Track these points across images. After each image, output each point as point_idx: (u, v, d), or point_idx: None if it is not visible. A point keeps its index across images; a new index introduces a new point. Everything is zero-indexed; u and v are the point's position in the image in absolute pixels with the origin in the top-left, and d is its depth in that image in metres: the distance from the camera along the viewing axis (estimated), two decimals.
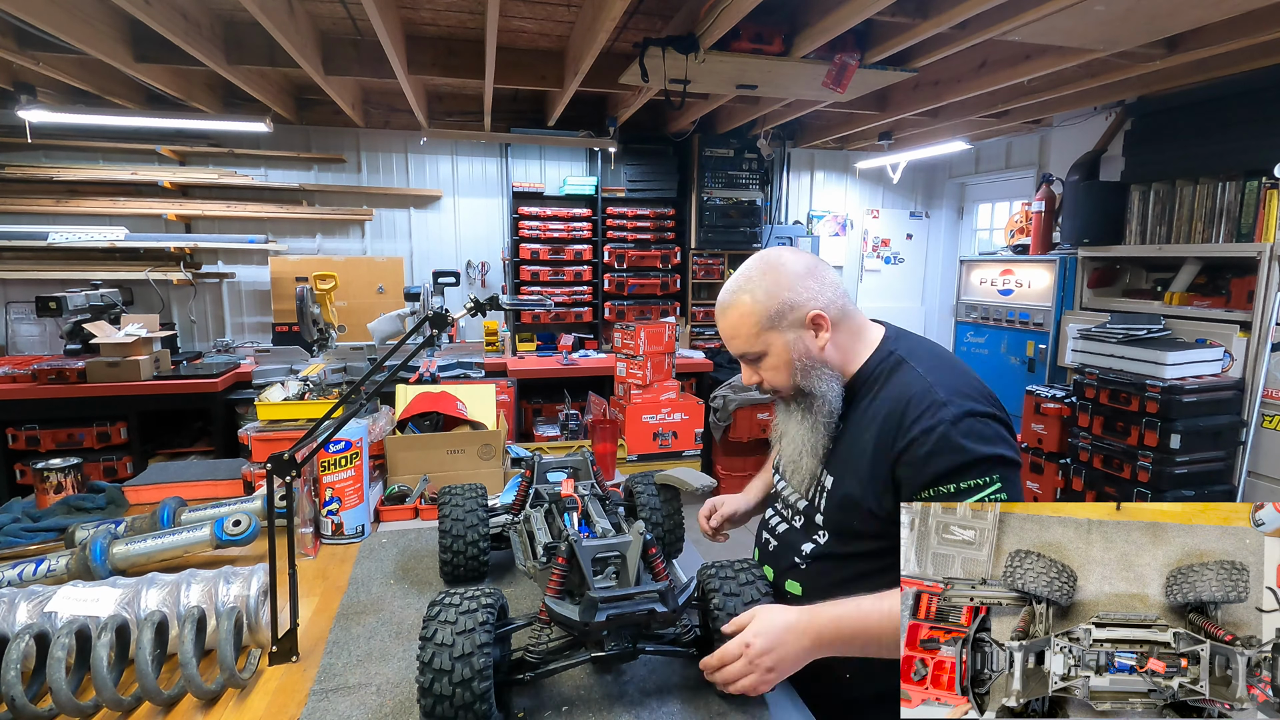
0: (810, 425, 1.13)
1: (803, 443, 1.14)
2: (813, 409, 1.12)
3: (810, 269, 1.11)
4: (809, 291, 1.09)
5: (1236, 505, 0.65)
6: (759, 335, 1.10)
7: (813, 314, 1.09)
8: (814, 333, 1.10)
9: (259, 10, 2.29)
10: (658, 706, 1.02)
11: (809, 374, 1.11)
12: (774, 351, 1.11)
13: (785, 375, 1.12)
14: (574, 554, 1.03)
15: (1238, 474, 3.17)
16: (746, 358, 1.15)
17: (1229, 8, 2.30)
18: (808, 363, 1.10)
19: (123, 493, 1.76)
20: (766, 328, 1.09)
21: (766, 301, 1.09)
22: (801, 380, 1.11)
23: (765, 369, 1.13)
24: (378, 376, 2.08)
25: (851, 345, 1.14)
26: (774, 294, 1.09)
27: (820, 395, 1.11)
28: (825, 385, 1.11)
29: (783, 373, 1.12)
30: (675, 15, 2.75)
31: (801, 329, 1.10)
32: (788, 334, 1.10)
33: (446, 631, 0.90)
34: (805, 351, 1.10)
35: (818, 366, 1.11)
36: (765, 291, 1.09)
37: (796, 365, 1.10)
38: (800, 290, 1.09)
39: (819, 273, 1.12)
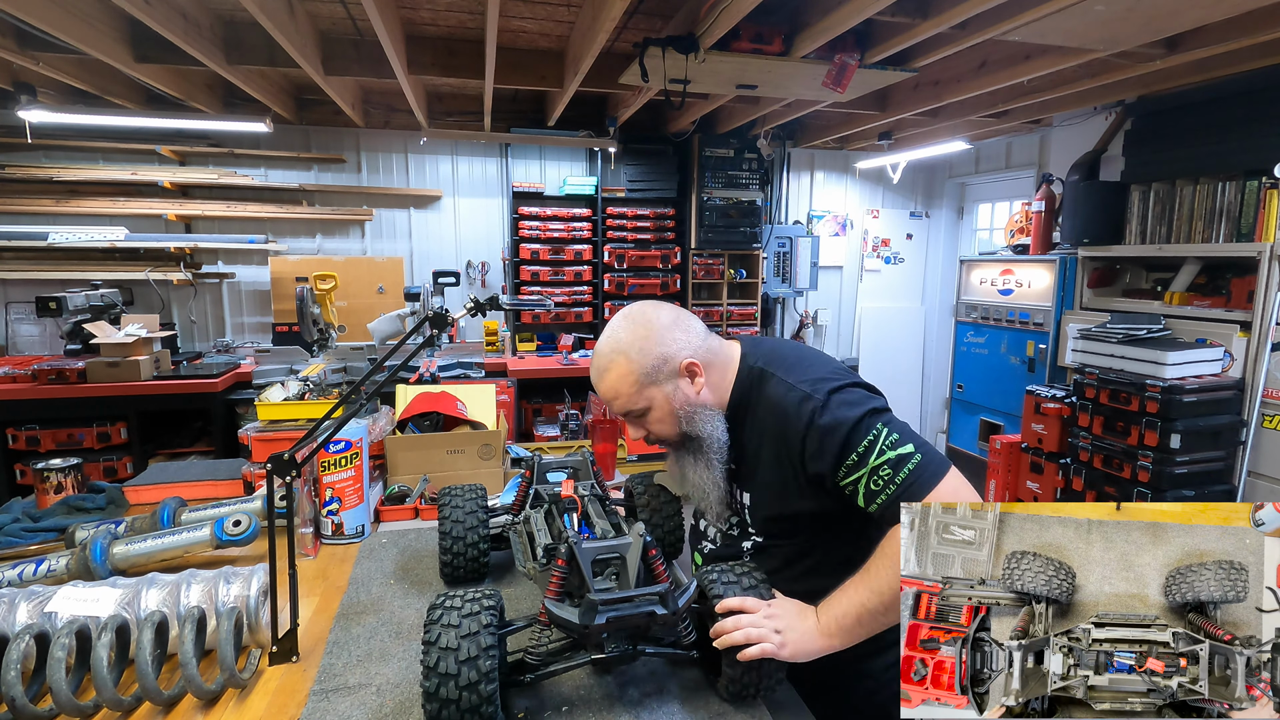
0: (705, 464, 1.18)
1: (706, 481, 1.20)
2: (703, 449, 1.17)
3: (675, 320, 1.17)
4: (678, 342, 1.15)
5: (1236, 505, 0.65)
6: (640, 392, 1.15)
7: (686, 363, 1.15)
8: (689, 380, 1.16)
9: (259, 10, 2.29)
10: (657, 707, 1.02)
11: (693, 419, 1.16)
12: (656, 405, 1.16)
13: (671, 425, 1.17)
14: (574, 556, 1.02)
15: (1238, 474, 3.17)
16: (631, 415, 1.19)
17: (1229, 8, 2.30)
18: (689, 410, 1.16)
19: (123, 493, 1.76)
20: (645, 384, 1.14)
21: (641, 359, 1.13)
22: (687, 426, 1.16)
23: (651, 423, 1.18)
24: (378, 376, 2.08)
25: (721, 380, 1.20)
26: (647, 350, 1.13)
27: (707, 436, 1.16)
28: (710, 426, 1.17)
29: (668, 423, 1.17)
30: (675, 15, 2.75)
31: (678, 379, 1.15)
32: (666, 386, 1.15)
33: (450, 635, 0.89)
34: (685, 400, 1.15)
35: (699, 410, 1.16)
36: (638, 350, 1.14)
37: (680, 414, 1.15)
38: (670, 342, 1.14)
39: (684, 322, 1.18)
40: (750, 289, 5.33)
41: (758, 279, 5.26)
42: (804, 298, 5.77)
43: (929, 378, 6.10)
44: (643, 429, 1.21)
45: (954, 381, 4.85)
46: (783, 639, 1.00)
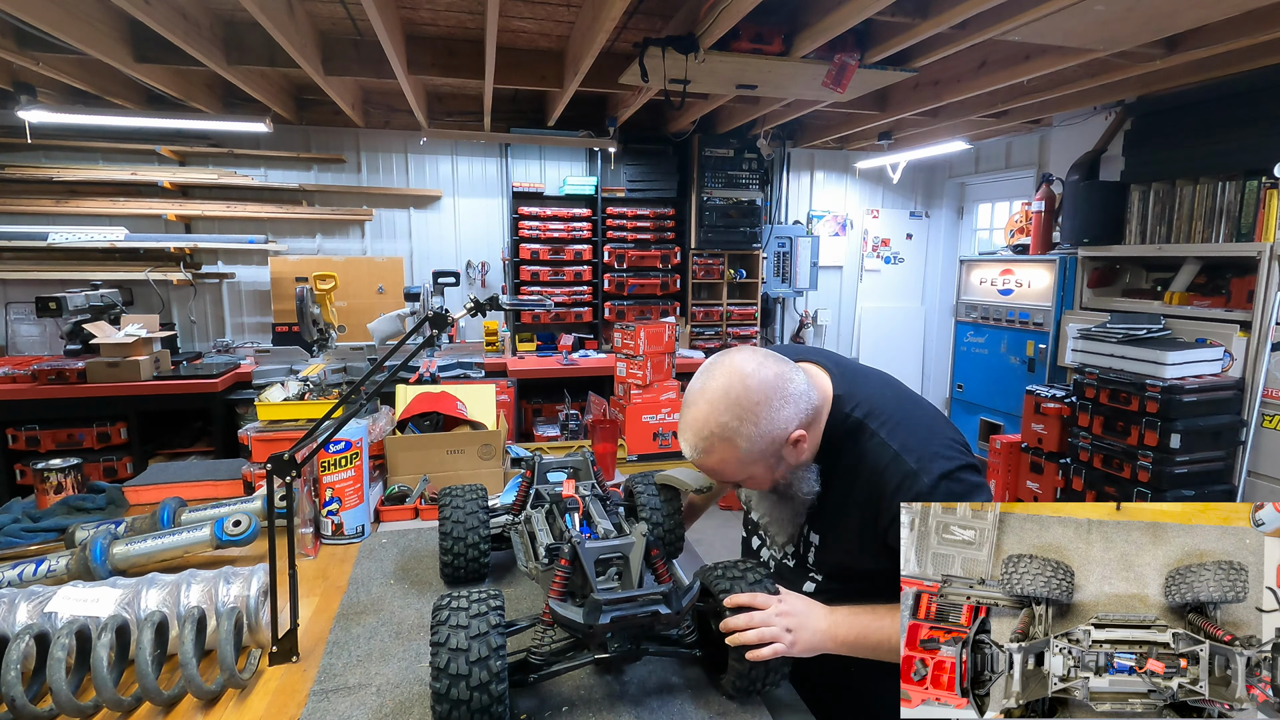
0: (789, 507, 1.13)
1: (782, 518, 1.15)
2: (792, 497, 1.12)
3: (778, 386, 1.03)
4: (784, 417, 1.03)
5: (1236, 505, 0.65)
6: (740, 470, 1.07)
7: (794, 436, 1.05)
8: (794, 448, 1.07)
9: (259, 10, 2.29)
10: (659, 706, 1.02)
11: (790, 481, 1.10)
12: (757, 476, 1.09)
13: (767, 483, 1.11)
14: (577, 556, 1.02)
15: (1238, 474, 3.16)
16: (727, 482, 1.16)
17: (1229, 8, 2.30)
18: (788, 472, 1.09)
19: (123, 493, 1.76)
20: (745, 461, 1.05)
21: (749, 445, 1.03)
22: (783, 485, 1.11)
23: (748, 483, 1.13)
24: (378, 376, 2.08)
25: (818, 432, 1.11)
26: (755, 436, 1.03)
27: (803, 492, 1.10)
28: (806, 485, 1.10)
29: (765, 482, 1.11)
30: (675, 15, 2.75)
31: (781, 448, 1.06)
32: (769, 460, 1.07)
33: (460, 636, 0.89)
34: (788, 467, 1.08)
35: (798, 471, 1.10)
36: (746, 436, 1.02)
37: (780, 481, 1.10)
38: (777, 420, 1.03)
39: (784, 386, 1.04)
40: (750, 289, 5.33)
41: (758, 279, 5.26)
42: (804, 298, 5.77)
43: (929, 378, 6.10)
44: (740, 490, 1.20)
45: (954, 381, 4.85)
46: (794, 637, 1.00)
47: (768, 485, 1.11)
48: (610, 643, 1.01)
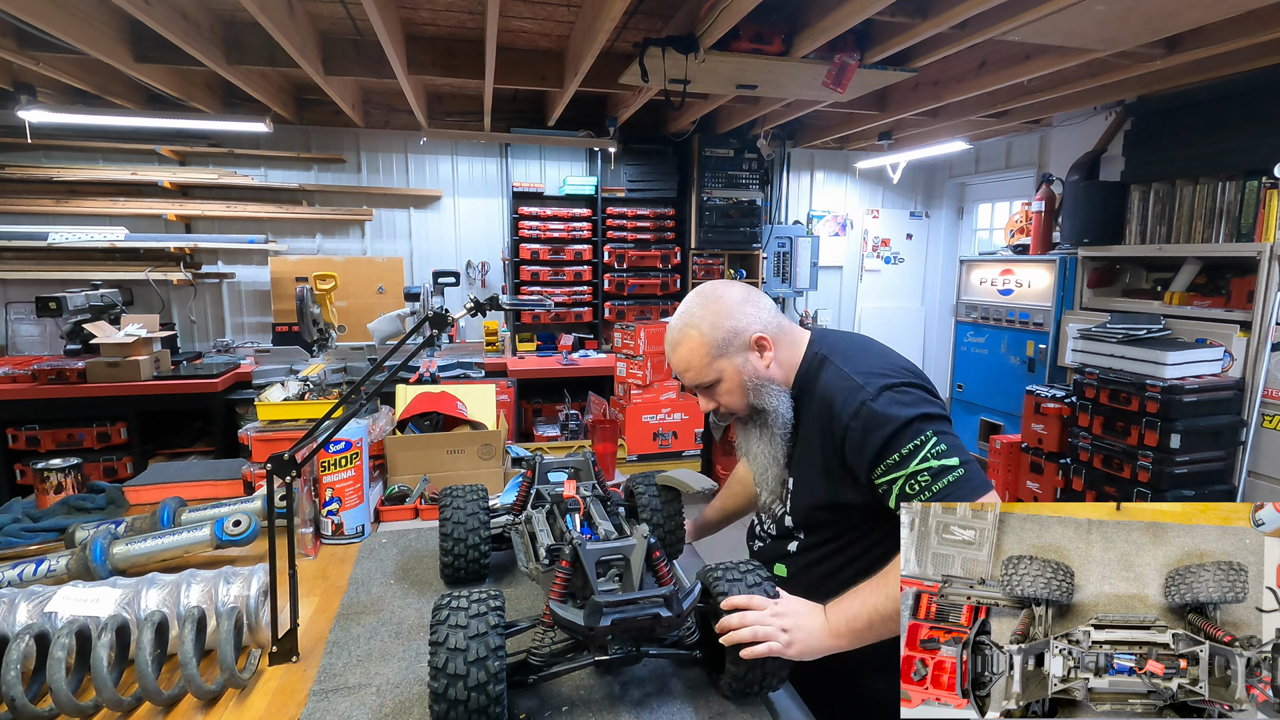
0: (769, 439, 1.22)
1: (767, 456, 1.23)
2: (768, 424, 1.21)
3: (746, 296, 1.21)
4: (748, 317, 1.19)
5: (1236, 505, 0.65)
6: (711, 364, 1.19)
7: (755, 337, 1.18)
8: (758, 354, 1.19)
9: (259, 10, 2.29)
10: (658, 706, 1.02)
11: (760, 392, 1.20)
12: (726, 377, 1.19)
13: (739, 397, 1.21)
14: (578, 557, 1.02)
15: (1238, 474, 3.16)
16: (701, 387, 1.23)
17: (1229, 8, 2.30)
18: (757, 382, 1.19)
19: (123, 493, 1.76)
20: (716, 355, 1.18)
21: (712, 332, 1.18)
22: (754, 399, 1.20)
23: (720, 394, 1.22)
24: (378, 376, 2.08)
25: (789, 358, 1.23)
26: (718, 324, 1.18)
27: (772, 410, 1.20)
28: (775, 400, 1.20)
29: (737, 395, 1.20)
30: (675, 15, 2.75)
31: (747, 352, 1.19)
32: (736, 359, 1.18)
33: (459, 635, 0.89)
34: (754, 372, 1.19)
35: (766, 384, 1.20)
36: (710, 323, 1.18)
37: (748, 386, 1.19)
38: (741, 316, 1.19)
39: (754, 298, 1.22)
40: None
41: (758, 279, 5.25)
42: (804, 298, 5.77)
43: (929, 378, 6.09)
44: (713, 401, 1.24)
45: (954, 381, 4.85)
46: (790, 638, 1.00)
47: (740, 398, 1.20)
48: (610, 645, 1.00)
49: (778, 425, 1.21)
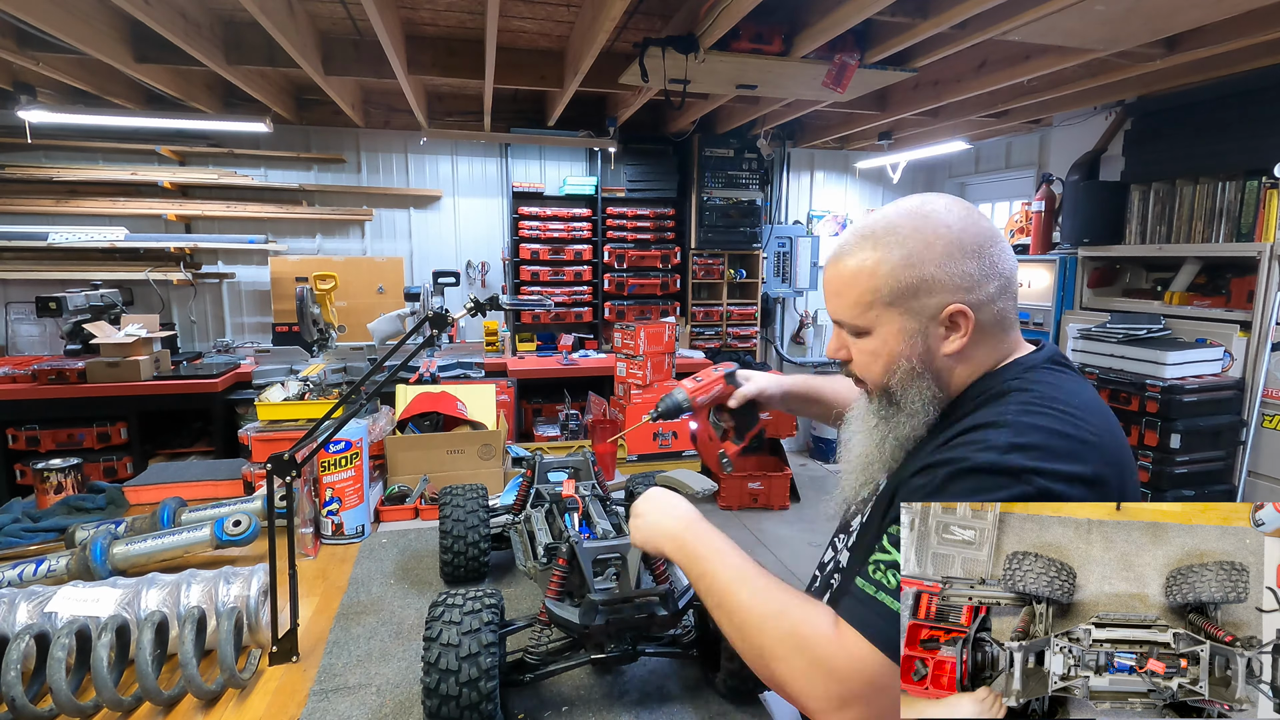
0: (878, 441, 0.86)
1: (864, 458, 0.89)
2: (890, 421, 0.85)
3: (984, 243, 0.81)
4: (963, 275, 0.80)
5: (1236, 505, 0.65)
6: (869, 308, 0.83)
7: (953, 308, 0.80)
8: (944, 331, 0.81)
9: (259, 10, 2.29)
10: (657, 706, 1.02)
11: (909, 381, 0.83)
12: (882, 336, 0.83)
13: (879, 368, 0.84)
14: (574, 555, 1.03)
15: (1238, 474, 3.17)
16: (843, 325, 0.88)
17: (1229, 8, 2.30)
18: (916, 366, 0.82)
19: (123, 493, 1.76)
20: (885, 303, 0.82)
21: (898, 269, 0.80)
22: (895, 383, 0.84)
23: (861, 349, 0.86)
24: (378, 376, 2.08)
25: (985, 359, 0.84)
26: (913, 263, 0.80)
27: (908, 414, 0.83)
28: (920, 403, 0.83)
29: (878, 363, 0.84)
30: (675, 15, 2.75)
31: (930, 320, 0.81)
32: (909, 321, 0.81)
33: (452, 632, 0.90)
34: (923, 351, 0.82)
35: (925, 376, 0.83)
36: (904, 255, 0.80)
37: (900, 364, 0.83)
38: (951, 269, 0.79)
39: (989, 251, 0.81)
40: (750, 289, 5.33)
41: (758, 279, 5.26)
42: (804, 298, 5.77)
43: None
44: (844, 350, 0.89)
45: None
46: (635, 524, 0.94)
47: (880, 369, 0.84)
48: (607, 643, 1.01)
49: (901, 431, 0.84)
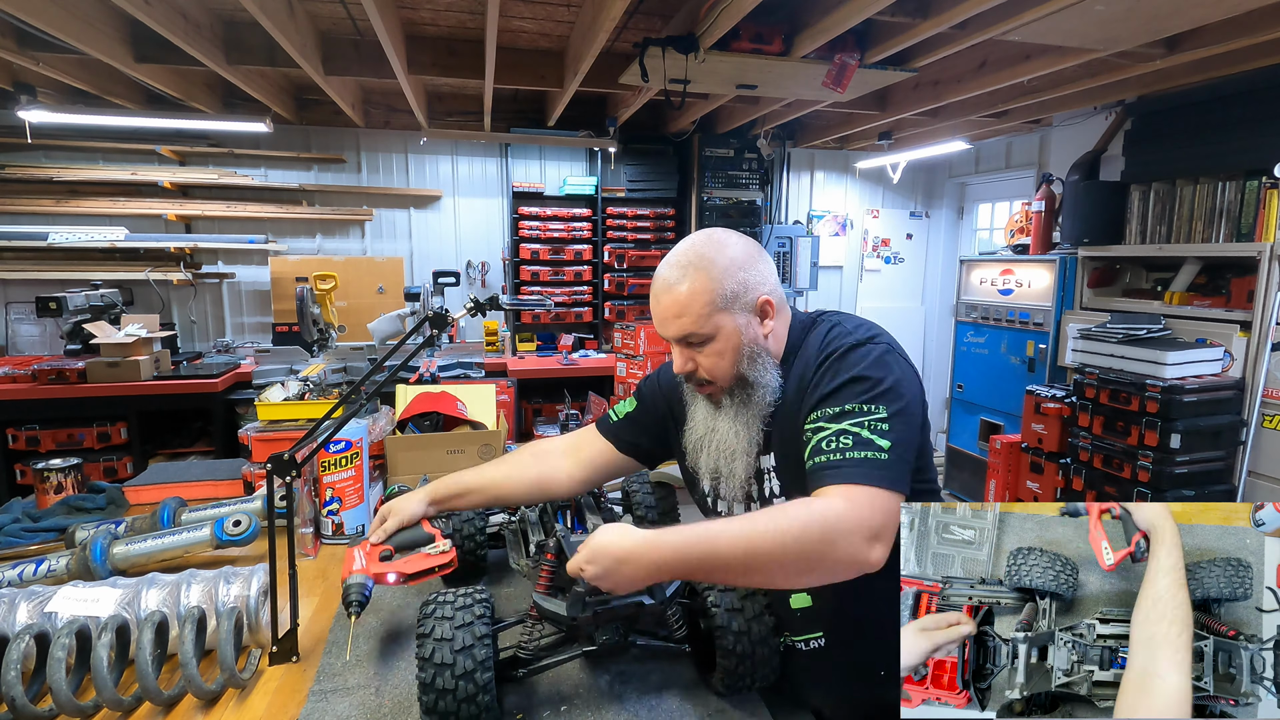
0: (745, 419, 1.08)
1: (739, 438, 1.08)
2: (751, 400, 1.07)
3: (759, 252, 1.09)
4: (759, 275, 1.07)
5: (1236, 505, 0.65)
6: (710, 316, 1.03)
7: (763, 299, 1.06)
8: (760, 319, 1.07)
9: (259, 10, 2.29)
10: (655, 704, 1.02)
11: (754, 361, 1.05)
12: (723, 335, 1.04)
13: (729, 361, 1.06)
14: (562, 550, 1.03)
15: (1238, 474, 3.16)
16: (690, 340, 1.06)
17: (1229, 7, 2.30)
18: (754, 349, 1.05)
19: (123, 493, 1.76)
20: (720, 308, 1.03)
21: (723, 280, 1.03)
22: (746, 368, 1.06)
23: (709, 353, 1.06)
24: (378, 376, 2.08)
25: (782, 331, 1.11)
26: (730, 273, 1.04)
27: (762, 385, 1.06)
28: (768, 374, 1.06)
29: (727, 359, 1.05)
30: (675, 15, 2.75)
31: (751, 314, 1.06)
32: (739, 317, 1.04)
33: (445, 627, 0.91)
34: (754, 338, 1.06)
35: (762, 354, 1.06)
36: (722, 269, 1.03)
37: (744, 351, 1.05)
38: (753, 272, 1.06)
39: (764, 257, 1.09)
40: None
41: None
42: (804, 298, 5.77)
43: (929, 378, 6.09)
44: (693, 362, 1.08)
45: (954, 381, 4.85)
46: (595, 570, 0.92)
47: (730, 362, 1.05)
48: (597, 635, 1.01)
49: (761, 401, 1.07)
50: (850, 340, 1.01)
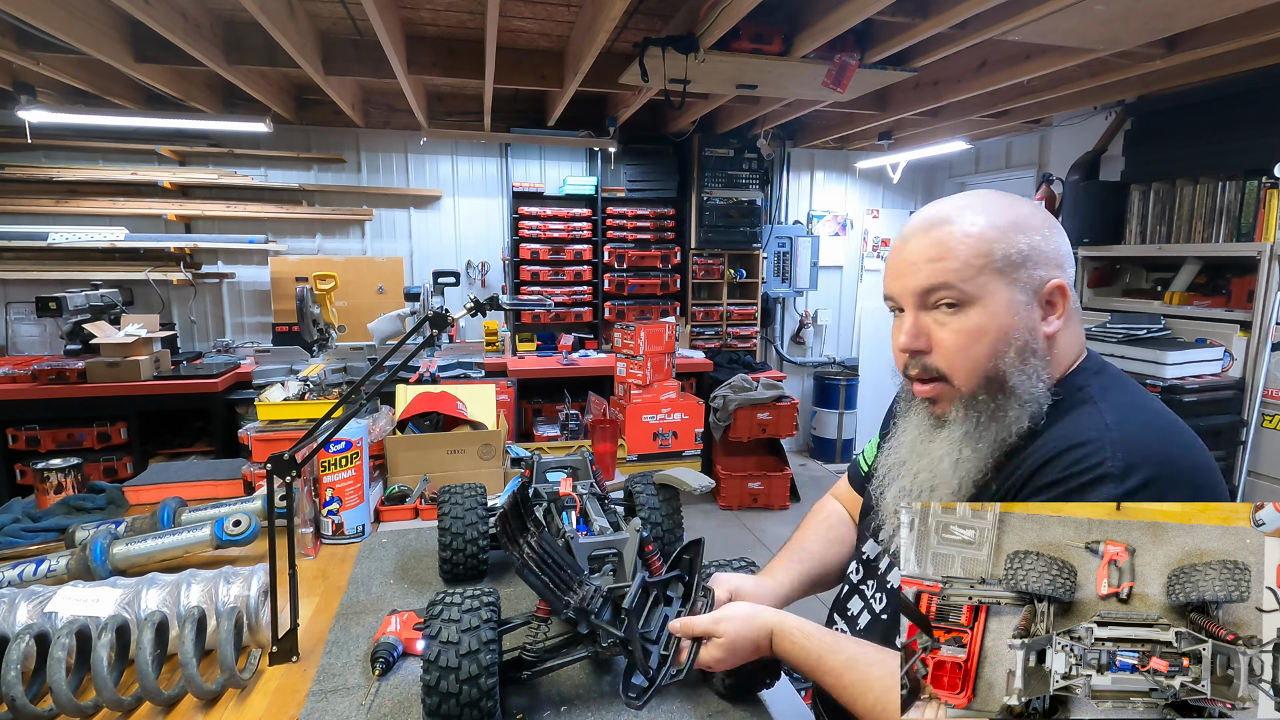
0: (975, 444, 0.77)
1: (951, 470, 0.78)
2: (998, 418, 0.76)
3: (1055, 225, 0.79)
4: (1058, 251, 0.77)
5: (1236, 505, 0.65)
6: (980, 273, 0.75)
7: (1055, 283, 0.76)
8: (1042, 312, 0.76)
9: (259, 10, 2.29)
10: (656, 705, 1.02)
11: (1024, 359, 0.75)
12: (989, 306, 0.75)
13: (983, 349, 0.75)
14: (571, 551, 1.03)
15: (1238, 474, 3.16)
16: (937, 299, 0.78)
17: (1229, 7, 2.30)
18: (1028, 343, 0.75)
19: (123, 493, 1.76)
20: (995, 269, 0.74)
21: (1009, 234, 0.75)
22: (1009, 363, 0.75)
23: (958, 327, 0.76)
24: (378, 376, 2.08)
25: (1069, 347, 0.79)
26: (1022, 229, 0.75)
27: (1024, 398, 0.75)
28: (1035, 385, 0.75)
29: (982, 344, 0.75)
30: (675, 15, 2.75)
31: (1034, 295, 0.76)
32: (1018, 293, 0.75)
33: (451, 629, 0.90)
34: (1031, 326, 0.75)
35: (1037, 356, 0.75)
36: (1010, 222, 0.75)
37: (1014, 339, 0.75)
38: (1052, 242, 0.76)
39: (1062, 234, 0.79)
40: (750, 289, 5.33)
41: (758, 279, 5.26)
42: (804, 298, 5.77)
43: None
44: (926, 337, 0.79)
45: None
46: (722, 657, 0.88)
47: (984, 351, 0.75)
48: (602, 637, 1.01)
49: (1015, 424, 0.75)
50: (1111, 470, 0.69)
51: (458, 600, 0.95)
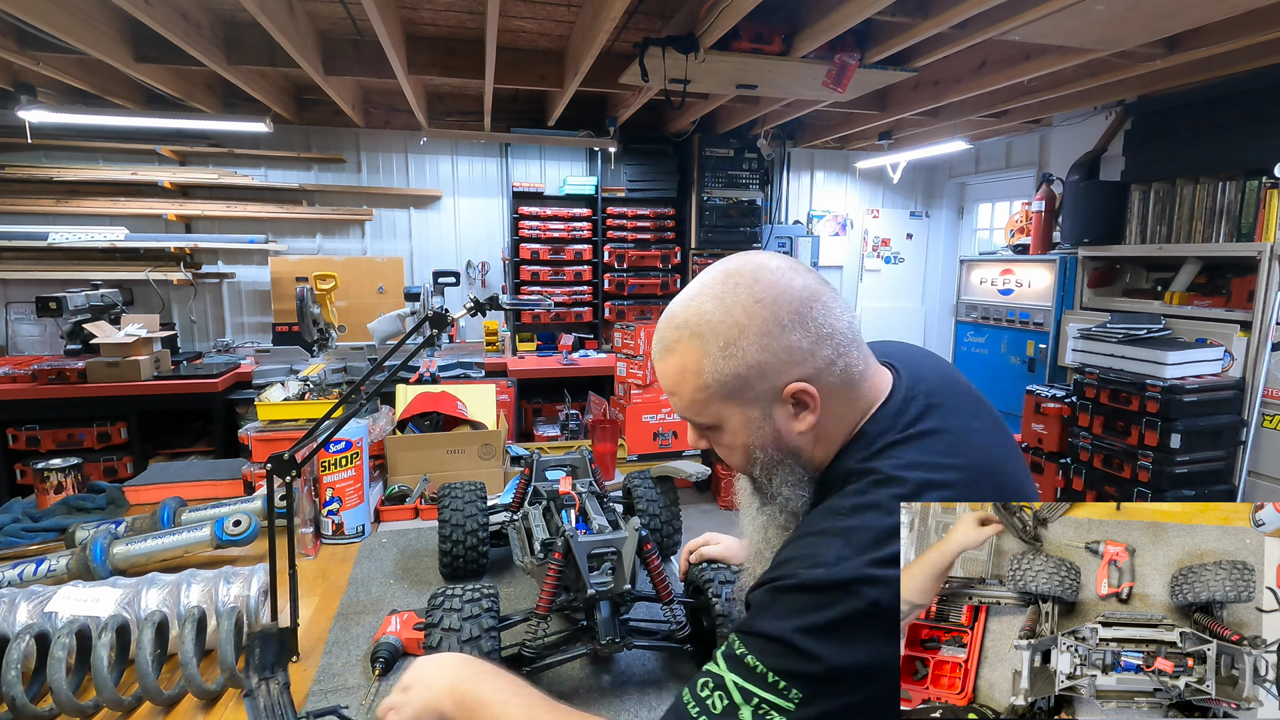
0: (764, 523, 0.80)
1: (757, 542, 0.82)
2: (766, 510, 0.80)
3: (803, 309, 0.71)
4: (789, 351, 0.71)
5: (1236, 505, 0.65)
6: (707, 405, 0.75)
7: (794, 388, 0.71)
8: (793, 410, 0.73)
9: (259, 10, 2.29)
10: (654, 702, 1.02)
11: (771, 469, 0.76)
12: (729, 427, 0.76)
13: (739, 459, 0.79)
14: (570, 550, 1.04)
15: (1238, 474, 3.16)
16: (691, 423, 0.81)
17: (1229, 7, 2.29)
18: (773, 454, 0.75)
19: (123, 493, 1.76)
20: (718, 396, 0.73)
21: (723, 360, 0.72)
22: (760, 473, 0.77)
23: (716, 442, 0.80)
24: (378, 376, 2.08)
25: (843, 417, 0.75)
26: (736, 349, 0.71)
27: (778, 502, 0.77)
28: (788, 489, 0.76)
29: (736, 455, 0.78)
30: (675, 15, 2.75)
31: (774, 403, 0.73)
32: (750, 410, 0.74)
33: (453, 618, 0.92)
34: (774, 437, 0.74)
35: (786, 461, 0.75)
36: (725, 343, 0.71)
37: (755, 454, 0.76)
38: (775, 348, 0.71)
39: (814, 315, 0.72)
40: None
41: None
42: None
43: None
44: (701, 439, 0.82)
45: None
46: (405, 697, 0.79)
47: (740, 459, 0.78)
48: (601, 634, 1.02)
49: (779, 517, 0.78)
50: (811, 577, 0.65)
51: (460, 593, 0.96)
